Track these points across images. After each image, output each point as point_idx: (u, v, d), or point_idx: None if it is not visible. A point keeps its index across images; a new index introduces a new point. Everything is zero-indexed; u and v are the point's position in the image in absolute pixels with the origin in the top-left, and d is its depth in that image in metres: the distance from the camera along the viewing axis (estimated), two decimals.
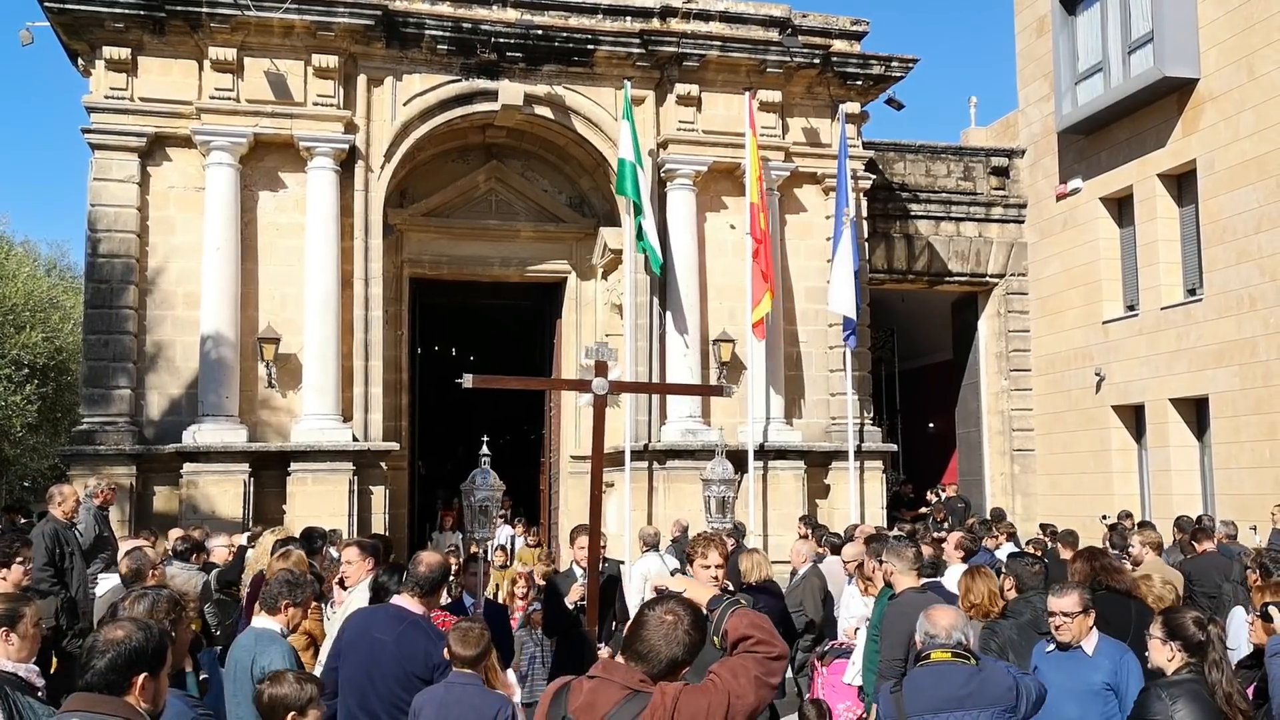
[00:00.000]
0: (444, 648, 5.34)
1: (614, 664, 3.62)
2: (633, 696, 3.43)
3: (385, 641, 5.61)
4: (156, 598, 4.82)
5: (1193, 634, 4.80)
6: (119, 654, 3.53)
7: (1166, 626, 4.90)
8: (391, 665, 5.49)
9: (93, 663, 3.53)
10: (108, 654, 3.53)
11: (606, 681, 3.51)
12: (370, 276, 16.59)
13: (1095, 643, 5.73)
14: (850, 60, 18.29)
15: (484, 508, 7.76)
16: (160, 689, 3.67)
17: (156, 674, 3.63)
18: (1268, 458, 16.33)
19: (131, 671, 3.54)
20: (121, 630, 3.60)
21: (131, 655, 3.54)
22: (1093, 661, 5.66)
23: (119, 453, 15.33)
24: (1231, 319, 17.06)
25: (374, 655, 5.56)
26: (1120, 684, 5.59)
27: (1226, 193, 17.22)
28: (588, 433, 18.65)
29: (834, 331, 18.00)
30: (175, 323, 16.09)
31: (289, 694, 4.49)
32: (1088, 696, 5.61)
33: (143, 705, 3.57)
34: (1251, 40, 16.77)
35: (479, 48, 16.90)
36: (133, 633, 3.59)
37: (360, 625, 5.87)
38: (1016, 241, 22.00)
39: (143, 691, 3.56)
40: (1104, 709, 5.59)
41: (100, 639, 3.59)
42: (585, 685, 3.55)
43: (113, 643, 3.55)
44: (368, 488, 15.97)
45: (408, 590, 5.88)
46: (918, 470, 24.34)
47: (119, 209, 15.90)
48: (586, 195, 19.16)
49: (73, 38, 16.13)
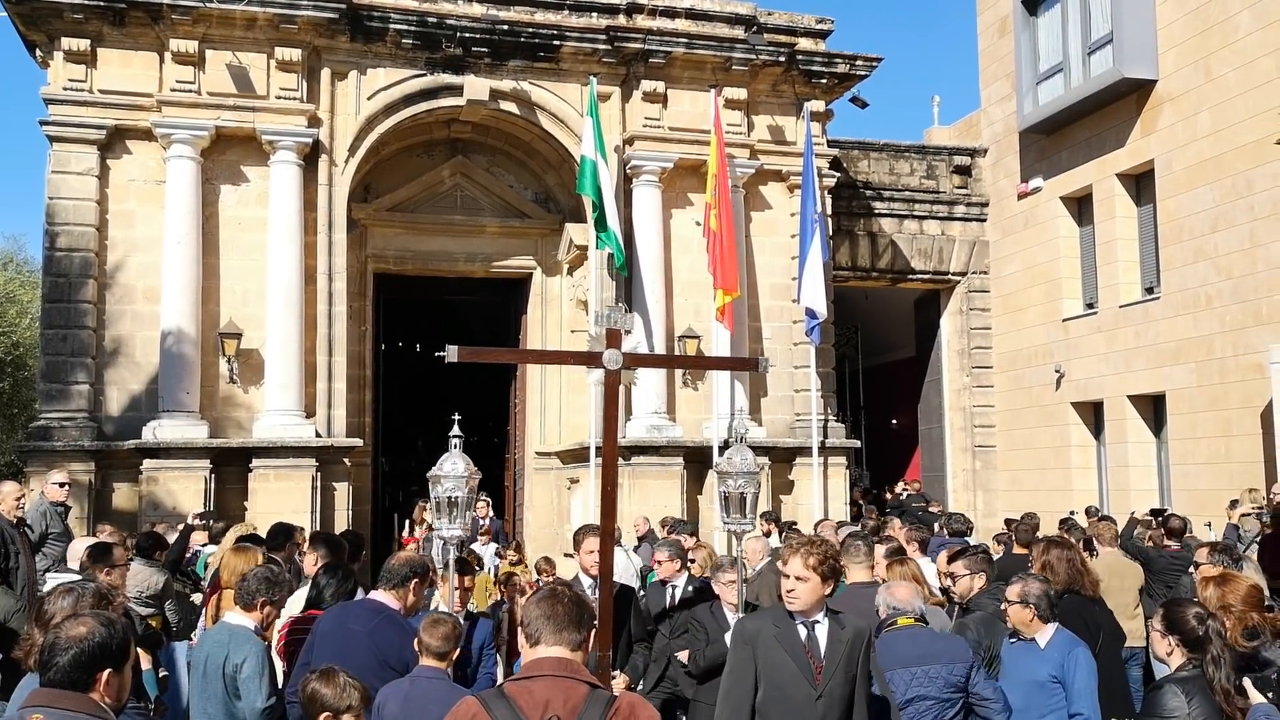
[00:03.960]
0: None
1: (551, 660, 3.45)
2: (593, 694, 3.38)
3: (359, 633, 5.64)
4: (82, 592, 4.75)
5: (1192, 628, 4.74)
6: (82, 650, 3.50)
7: (1166, 619, 4.85)
8: (365, 657, 5.47)
9: (56, 659, 3.49)
10: (70, 650, 3.49)
11: (557, 679, 3.38)
12: (334, 271, 16.49)
13: (1049, 636, 5.82)
14: (815, 58, 18.38)
15: (452, 499, 6.61)
16: (124, 684, 3.65)
17: (120, 669, 3.60)
18: (1223, 454, 16.59)
19: (96, 668, 3.51)
20: (84, 627, 3.56)
21: (95, 651, 3.51)
22: (1043, 654, 5.77)
23: (77, 449, 15.14)
24: (1188, 317, 17.32)
25: (347, 647, 5.55)
26: (1066, 676, 5.66)
27: (1184, 192, 17.47)
28: (553, 428, 18.82)
29: (798, 328, 18.09)
30: (135, 317, 15.92)
31: (329, 695, 4.46)
32: (1033, 687, 5.71)
33: (107, 701, 3.54)
34: (1209, 42, 17.01)
35: (444, 42, 16.84)
36: (96, 629, 3.56)
37: (336, 618, 5.89)
38: (978, 240, 22.20)
39: (107, 687, 3.54)
40: (1048, 700, 5.68)
41: (63, 636, 3.55)
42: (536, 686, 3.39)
43: (75, 639, 3.51)
44: (330, 484, 15.88)
45: (383, 586, 5.93)
46: (881, 467, 24.50)
47: (78, 202, 15.71)
48: (552, 191, 19.14)
49: (31, 29, 15.91)
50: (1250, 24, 16.33)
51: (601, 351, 5.97)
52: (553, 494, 18.82)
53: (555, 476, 18.73)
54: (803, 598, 4.89)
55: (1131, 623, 9.53)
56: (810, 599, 4.90)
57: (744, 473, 6.73)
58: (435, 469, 6.68)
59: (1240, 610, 5.06)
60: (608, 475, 6.13)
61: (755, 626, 5.05)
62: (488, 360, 9.20)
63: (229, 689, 5.53)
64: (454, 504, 6.61)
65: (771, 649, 4.90)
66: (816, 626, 4.92)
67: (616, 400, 6.13)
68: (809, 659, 4.85)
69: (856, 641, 4.92)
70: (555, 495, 18.75)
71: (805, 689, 4.82)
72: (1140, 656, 9.45)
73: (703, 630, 6.99)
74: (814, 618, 4.93)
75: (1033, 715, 5.70)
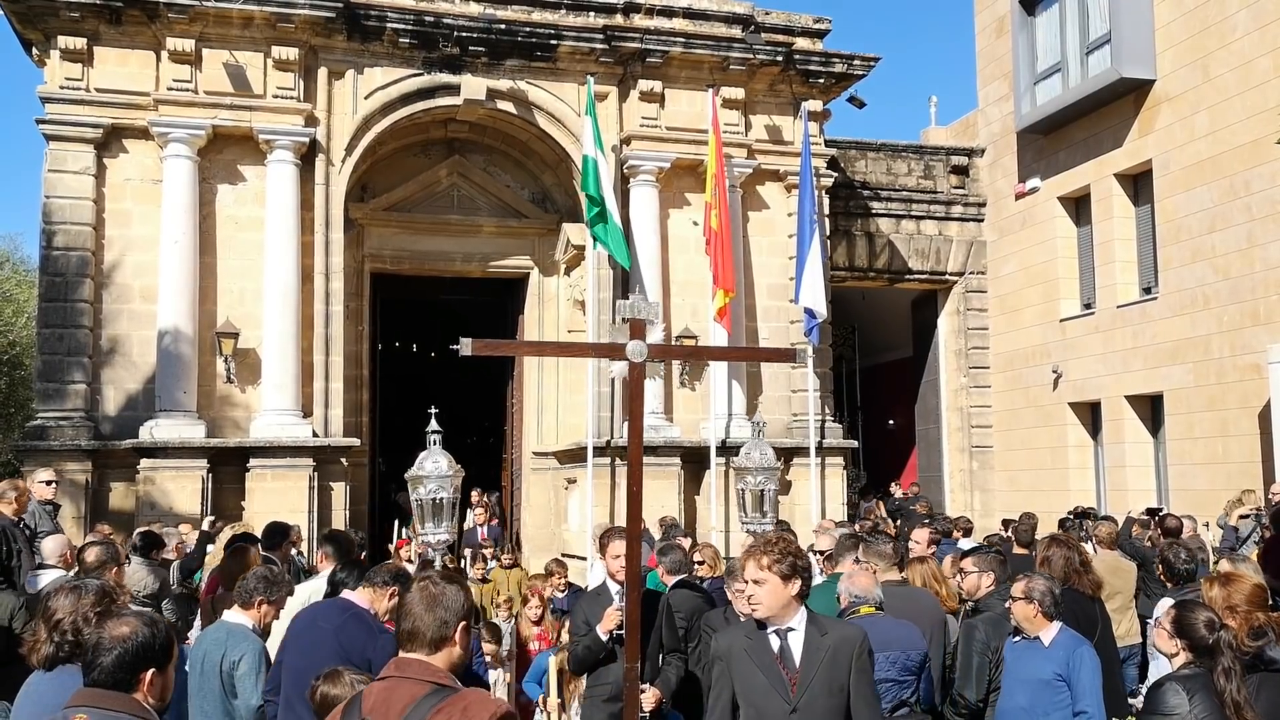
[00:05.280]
0: (387, 640, 5.27)
1: (405, 660, 3.42)
2: (435, 691, 3.28)
3: (326, 630, 5.62)
4: (84, 589, 4.76)
5: (1202, 635, 4.69)
6: (126, 650, 3.51)
7: (1176, 623, 4.79)
8: (329, 653, 5.43)
9: (99, 660, 3.50)
10: (114, 650, 3.50)
11: (401, 679, 3.33)
12: (331, 271, 16.46)
13: (1053, 635, 5.82)
14: (813, 58, 18.37)
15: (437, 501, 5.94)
16: (167, 684, 3.64)
17: (164, 669, 3.60)
18: (1220, 454, 16.60)
19: (139, 668, 3.52)
20: (127, 626, 3.57)
21: (139, 651, 3.52)
22: (1047, 652, 5.76)
23: (74, 448, 15.11)
24: (1186, 317, 17.33)
25: (315, 644, 5.54)
26: (1071, 675, 5.67)
27: (1181, 192, 17.48)
28: (551, 428, 18.79)
29: (795, 328, 18.08)
30: (132, 317, 15.89)
31: (343, 695, 4.42)
32: (1038, 686, 5.71)
33: (150, 701, 3.54)
34: (1207, 42, 17.02)
35: (441, 41, 16.82)
36: (139, 628, 3.56)
37: (308, 616, 5.89)
38: (976, 240, 22.21)
39: (150, 688, 3.54)
40: (1053, 698, 5.68)
41: (106, 636, 3.56)
42: (377, 687, 3.37)
43: (119, 639, 3.52)
44: (328, 484, 15.84)
45: (359, 586, 5.91)
46: (878, 467, 24.50)
47: (74, 201, 15.67)
48: (549, 191, 19.12)
49: (27, 27, 15.87)
50: (1248, 24, 16.34)
51: (625, 343, 5.53)
52: (550, 494, 18.80)
53: (552, 476, 18.71)
54: (765, 602, 4.54)
55: (1129, 622, 9.56)
56: (774, 603, 4.54)
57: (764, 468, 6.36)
58: (415, 468, 6.08)
59: (1246, 610, 5.05)
60: (633, 475, 5.63)
61: (727, 641, 4.77)
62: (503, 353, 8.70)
63: (226, 687, 5.52)
64: (438, 506, 5.99)
65: (743, 663, 4.59)
66: (790, 635, 4.56)
67: (642, 395, 5.74)
68: (782, 670, 4.52)
69: (841, 649, 4.54)
70: (552, 495, 18.73)
71: (778, 704, 4.49)
72: (1137, 656, 9.47)
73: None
74: (786, 625, 4.57)
75: (1037, 714, 5.70)
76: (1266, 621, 4.97)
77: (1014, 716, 5.78)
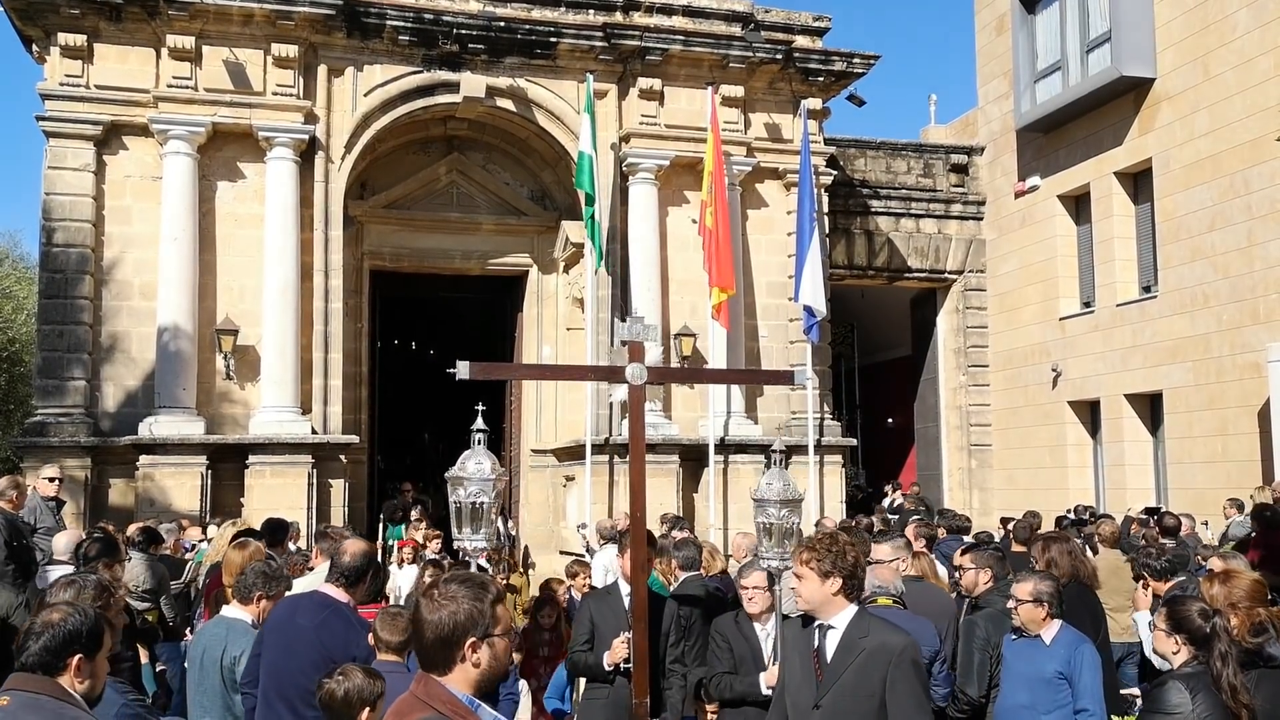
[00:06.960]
0: (367, 635, 5.24)
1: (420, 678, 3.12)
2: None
3: (305, 627, 5.53)
4: (84, 584, 4.85)
5: (1198, 626, 4.70)
6: (54, 635, 3.63)
7: (1171, 619, 4.79)
8: (310, 651, 5.37)
9: (29, 644, 3.64)
10: (43, 635, 3.64)
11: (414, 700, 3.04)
12: (330, 268, 16.46)
13: (1054, 633, 5.83)
14: (812, 56, 18.36)
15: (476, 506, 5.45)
16: (97, 671, 3.74)
17: (93, 656, 3.71)
18: (1219, 453, 16.61)
19: (66, 653, 3.63)
20: (58, 613, 3.71)
21: (67, 637, 3.64)
22: (1049, 651, 5.77)
23: (74, 445, 15.10)
24: (1185, 316, 17.33)
25: (293, 641, 5.48)
26: (1073, 673, 5.68)
27: (1181, 191, 17.48)
28: (549, 426, 18.78)
29: (794, 326, 18.08)
30: (132, 313, 15.88)
31: (363, 687, 4.49)
32: (1039, 684, 5.72)
33: (78, 686, 3.64)
34: (1207, 40, 17.02)
35: (441, 39, 16.81)
36: (68, 615, 3.71)
37: (285, 612, 5.78)
38: (975, 238, 22.20)
39: (78, 672, 3.65)
40: (1055, 697, 5.69)
41: (38, 621, 3.71)
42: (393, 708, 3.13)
43: (49, 624, 3.66)
44: (327, 481, 15.84)
45: (332, 580, 5.76)
46: (876, 465, 24.51)
47: (74, 198, 15.67)
48: (548, 189, 19.12)
49: (27, 23, 15.86)
50: (1248, 22, 16.34)
51: (624, 366, 5.58)
52: (548, 492, 18.81)
53: (551, 474, 18.72)
54: (804, 595, 4.64)
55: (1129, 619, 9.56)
56: (812, 597, 4.59)
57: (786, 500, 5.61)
58: (456, 468, 5.61)
59: (1247, 606, 5.05)
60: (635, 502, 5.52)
61: (792, 630, 4.99)
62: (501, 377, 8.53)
63: (226, 682, 5.52)
64: (478, 511, 5.50)
65: (790, 651, 4.85)
66: (829, 632, 4.59)
67: (641, 417, 5.67)
68: (815, 665, 4.59)
69: (878, 654, 4.44)
70: (551, 493, 18.74)
71: (807, 697, 4.56)
72: (1137, 654, 9.47)
73: (726, 649, 6.13)
74: (828, 621, 4.61)
75: (1039, 712, 5.70)
76: (1268, 617, 4.97)
77: (1015, 714, 5.79)
